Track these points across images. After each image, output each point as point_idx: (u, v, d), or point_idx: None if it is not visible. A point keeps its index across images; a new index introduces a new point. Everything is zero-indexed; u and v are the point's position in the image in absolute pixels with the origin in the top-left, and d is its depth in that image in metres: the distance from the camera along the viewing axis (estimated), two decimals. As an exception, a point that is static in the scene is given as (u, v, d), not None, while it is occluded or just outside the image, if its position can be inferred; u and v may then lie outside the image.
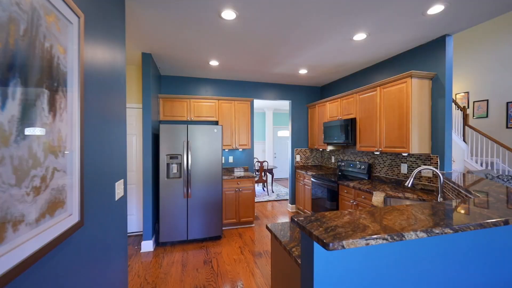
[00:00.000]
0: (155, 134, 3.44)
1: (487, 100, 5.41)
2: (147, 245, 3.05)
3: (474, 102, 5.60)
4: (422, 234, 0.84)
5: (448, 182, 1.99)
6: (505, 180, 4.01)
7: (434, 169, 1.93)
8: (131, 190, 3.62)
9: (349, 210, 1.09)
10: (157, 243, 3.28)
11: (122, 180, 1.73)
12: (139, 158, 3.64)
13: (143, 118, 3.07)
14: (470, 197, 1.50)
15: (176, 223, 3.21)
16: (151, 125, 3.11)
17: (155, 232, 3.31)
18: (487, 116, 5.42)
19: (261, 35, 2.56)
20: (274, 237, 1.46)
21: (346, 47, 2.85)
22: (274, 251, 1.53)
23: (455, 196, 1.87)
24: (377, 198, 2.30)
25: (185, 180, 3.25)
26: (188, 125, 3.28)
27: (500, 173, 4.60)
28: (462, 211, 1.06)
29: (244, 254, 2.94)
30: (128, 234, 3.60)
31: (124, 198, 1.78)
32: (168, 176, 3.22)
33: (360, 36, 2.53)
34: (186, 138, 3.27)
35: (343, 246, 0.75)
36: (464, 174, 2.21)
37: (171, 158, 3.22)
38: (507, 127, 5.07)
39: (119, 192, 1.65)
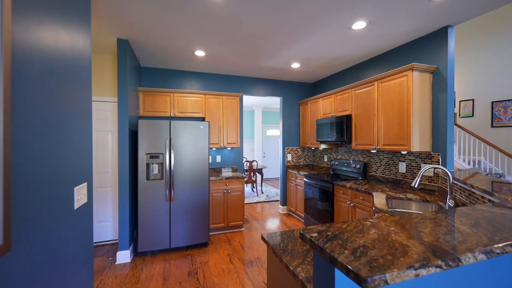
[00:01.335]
0: (134, 131, 3.09)
1: (473, 100, 5.47)
2: (124, 256, 2.71)
3: (460, 101, 5.65)
4: (481, 256, 0.62)
5: (457, 182, 1.83)
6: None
7: (443, 168, 1.77)
8: (106, 194, 3.24)
9: (371, 220, 0.86)
10: (136, 253, 2.94)
11: (85, 184, 1.42)
12: (116, 158, 3.27)
13: (119, 112, 2.72)
14: (493, 200, 1.33)
15: (157, 230, 2.89)
16: (128, 120, 2.77)
17: (133, 240, 2.97)
18: (472, 115, 5.48)
19: (252, 20, 2.31)
20: (272, 251, 1.21)
21: (344, 37, 2.66)
22: (271, 268, 1.28)
23: (466, 197, 1.72)
24: (379, 199, 2.12)
25: (168, 182, 2.93)
26: (171, 121, 2.96)
27: (487, 171, 4.64)
28: (508, 219, 0.86)
29: (234, 263, 2.68)
30: (103, 243, 3.22)
31: (88, 205, 1.46)
32: (148, 178, 2.89)
33: (359, 25, 2.34)
34: (169, 135, 2.95)
35: (386, 282, 0.52)
36: (469, 173, 2.07)
37: (151, 157, 2.89)
38: (492, 126, 5.14)
39: (80, 198, 1.34)
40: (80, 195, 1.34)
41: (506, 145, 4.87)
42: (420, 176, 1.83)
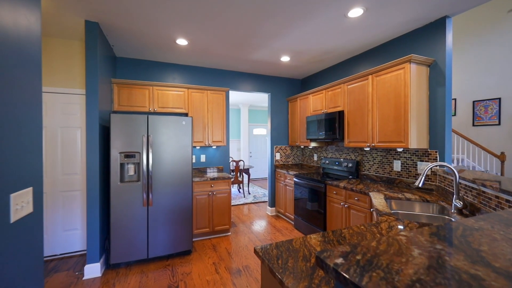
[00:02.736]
0: (106, 127, 2.74)
1: (455, 99, 5.58)
2: (93, 269, 2.36)
3: (443, 101, 5.74)
4: None
5: (463, 181, 1.71)
6: (479, 176, 4.06)
7: (449, 165, 1.63)
8: (74, 198, 2.86)
9: (404, 233, 0.66)
10: (108, 265, 2.59)
11: (29, 189, 1.11)
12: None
13: (87, 105, 2.37)
14: (515, 200, 1.19)
15: (133, 238, 2.56)
16: (99, 115, 2.43)
17: (105, 251, 2.62)
18: (455, 114, 5.59)
19: (241, 3, 2.06)
20: (268, 269, 0.98)
21: (338, 26, 2.49)
22: (267, 288, 1.05)
23: (474, 197, 1.59)
24: (379, 200, 1.96)
25: (145, 184, 2.61)
26: (149, 116, 2.64)
27: (471, 169, 4.72)
28: None
29: (220, 273, 2.42)
30: (70, 255, 2.83)
31: (35, 215, 1.16)
32: (122, 180, 2.56)
33: (356, 12, 2.18)
34: (147, 131, 2.64)
35: None
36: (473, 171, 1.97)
37: (126, 156, 2.56)
38: (473, 125, 5.26)
39: (20, 207, 1.04)
40: (20, 204, 1.04)
41: (487, 143, 4.99)
42: (424, 175, 1.68)
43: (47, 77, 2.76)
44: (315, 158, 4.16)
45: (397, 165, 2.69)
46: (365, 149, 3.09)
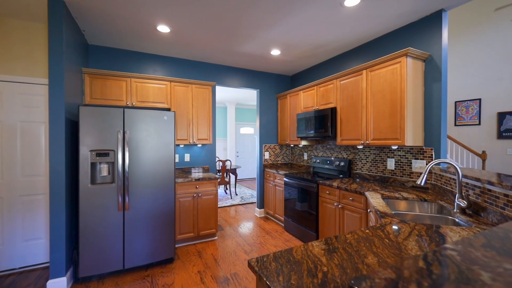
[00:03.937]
0: (75, 121, 2.43)
1: (438, 100, 5.68)
2: (58, 285, 2.05)
3: (427, 101, 5.84)
4: None
5: (465, 179, 1.62)
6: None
7: (453, 163, 1.54)
8: (37, 203, 2.51)
9: (451, 247, 0.50)
10: (76, 279, 2.28)
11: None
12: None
13: (50, 96, 2.06)
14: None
15: (107, 247, 2.28)
16: (65, 108, 2.12)
17: (73, 263, 2.31)
18: (438, 115, 5.69)
19: (229, -16, 1.87)
20: (267, 290, 0.79)
21: (333, 16, 2.36)
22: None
23: (477, 195, 1.50)
24: (377, 200, 1.84)
25: (120, 186, 2.34)
26: (125, 110, 2.37)
27: (454, 167, 4.81)
28: None
29: (206, 283, 2.20)
30: (32, 268, 2.48)
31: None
32: (93, 182, 2.26)
33: (353, 1, 2.05)
34: (123, 127, 2.36)
35: None
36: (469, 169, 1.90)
37: (98, 155, 2.27)
38: (455, 124, 5.39)
39: None
40: None
41: (468, 142, 5.13)
42: (426, 173, 1.58)
43: (3, 63, 2.40)
44: (305, 157, 4.04)
45: (390, 164, 2.61)
46: (358, 147, 3.00)
